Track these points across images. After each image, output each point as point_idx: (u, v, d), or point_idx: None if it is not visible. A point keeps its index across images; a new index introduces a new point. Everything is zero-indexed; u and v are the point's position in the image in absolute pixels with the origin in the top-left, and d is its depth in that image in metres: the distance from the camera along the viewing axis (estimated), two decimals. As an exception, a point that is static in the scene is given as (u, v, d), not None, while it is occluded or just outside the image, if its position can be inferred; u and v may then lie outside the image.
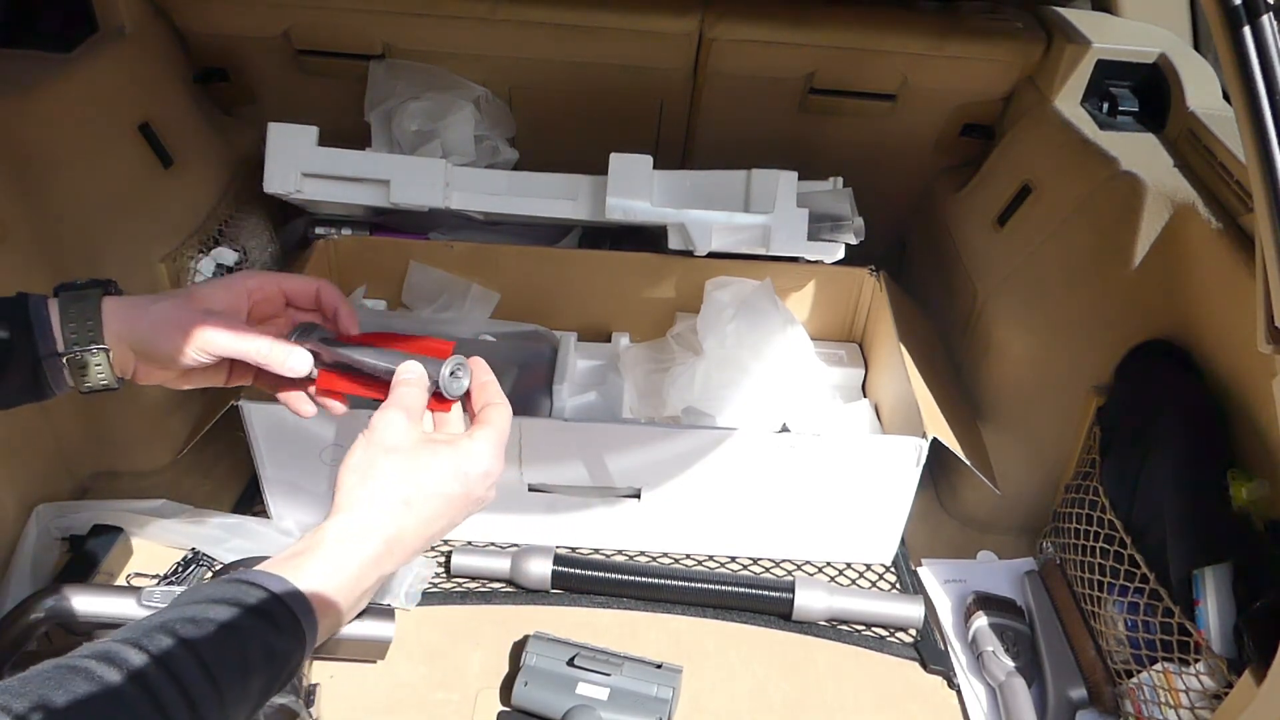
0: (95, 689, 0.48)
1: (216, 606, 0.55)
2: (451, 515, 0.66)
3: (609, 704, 1.05)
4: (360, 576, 0.62)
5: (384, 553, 0.63)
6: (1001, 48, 1.51)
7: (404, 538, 0.64)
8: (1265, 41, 0.76)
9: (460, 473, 0.65)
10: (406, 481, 0.64)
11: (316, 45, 1.54)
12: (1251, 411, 1.04)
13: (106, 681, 0.49)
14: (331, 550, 0.61)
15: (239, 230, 1.47)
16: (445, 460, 0.65)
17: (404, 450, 0.65)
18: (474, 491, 0.66)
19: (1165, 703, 1.01)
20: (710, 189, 1.42)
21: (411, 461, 0.64)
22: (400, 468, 0.64)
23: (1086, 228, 1.26)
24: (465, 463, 0.65)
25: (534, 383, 1.37)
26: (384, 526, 0.63)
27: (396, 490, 0.63)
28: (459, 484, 0.65)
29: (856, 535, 1.28)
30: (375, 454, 0.64)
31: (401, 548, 0.64)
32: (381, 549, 0.62)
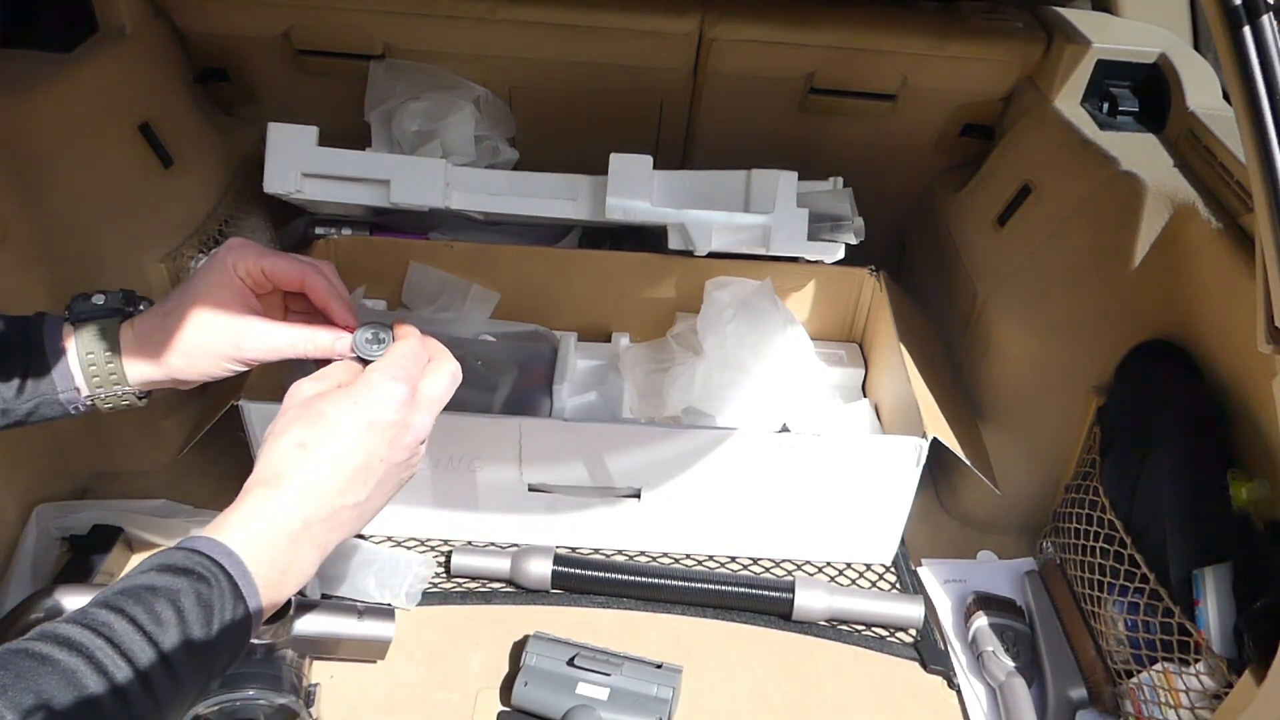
0: (46, 668, 0.50)
1: (150, 575, 0.57)
2: (369, 449, 0.65)
3: (609, 704, 1.05)
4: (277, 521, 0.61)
5: (297, 497, 0.62)
6: (1001, 48, 1.51)
7: (319, 479, 0.63)
8: (1265, 41, 0.76)
9: (357, 404, 0.65)
10: (300, 426, 0.64)
11: (316, 45, 1.54)
12: (1251, 411, 1.04)
13: (56, 661, 0.50)
14: (242, 505, 0.62)
15: (239, 230, 1.47)
16: (335, 399, 0.65)
17: (300, 404, 0.65)
18: (382, 417, 0.65)
19: (1165, 703, 1.01)
20: (710, 189, 1.42)
21: (304, 411, 0.65)
22: (294, 418, 0.65)
23: (1086, 228, 1.26)
24: (360, 394, 0.65)
25: (534, 383, 1.37)
26: (288, 473, 0.63)
27: (289, 437, 0.64)
28: (360, 415, 0.64)
29: (856, 535, 1.28)
30: (277, 417, 0.66)
31: (321, 491, 0.63)
32: (292, 494, 0.62)
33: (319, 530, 0.63)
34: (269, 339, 0.72)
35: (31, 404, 0.71)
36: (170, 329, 0.72)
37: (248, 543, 0.60)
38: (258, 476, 0.64)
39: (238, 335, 0.71)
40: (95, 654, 0.52)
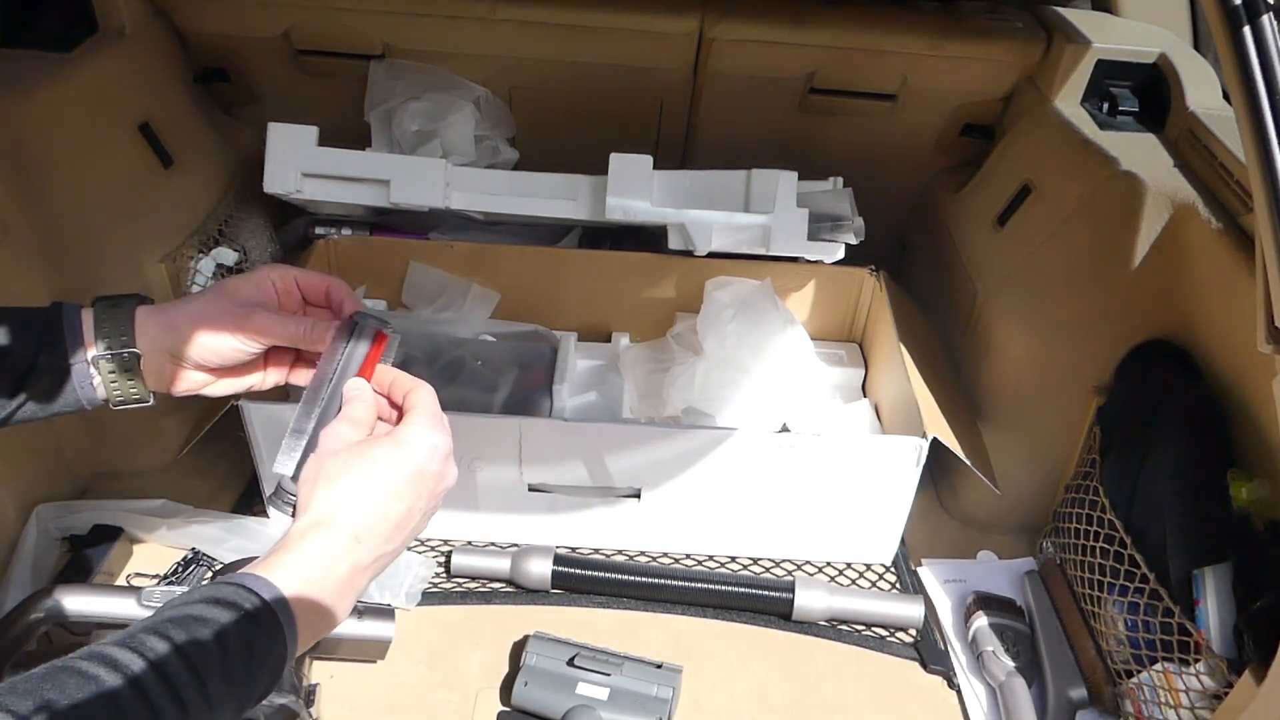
0: (91, 688, 0.50)
1: (199, 606, 0.57)
2: (413, 498, 0.67)
3: (609, 704, 1.05)
4: (330, 567, 0.63)
5: (351, 543, 0.64)
6: (1001, 48, 1.51)
7: (370, 526, 0.65)
8: (1265, 41, 0.76)
9: (406, 454, 0.67)
10: (355, 472, 0.66)
11: (316, 45, 1.54)
12: (1251, 411, 1.04)
13: (101, 681, 0.51)
14: (297, 546, 0.63)
15: (239, 230, 1.47)
16: (387, 448, 0.67)
17: (348, 449, 0.67)
18: (427, 468, 0.68)
19: (1165, 703, 1.01)
20: (710, 189, 1.42)
21: (357, 456, 0.66)
22: (347, 463, 0.66)
23: (1086, 228, 1.26)
24: (407, 445, 0.68)
25: (534, 383, 1.38)
26: (343, 518, 0.64)
27: (346, 481, 0.65)
28: (408, 465, 0.67)
29: (856, 535, 1.28)
30: (323, 460, 0.67)
31: (371, 537, 0.65)
32: (348, 540, 0.64)
33: (362, 577, 0.65)
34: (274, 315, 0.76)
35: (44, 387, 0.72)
36: (183, 303, 0.75)
37: (297, 585, 0.61)
38: (312, 519, 0.64)
39: (246, 312, 0.74)
40: (138, 676, 0.52)
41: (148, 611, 0.89)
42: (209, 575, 1.21)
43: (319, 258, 1.47)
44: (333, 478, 0.65)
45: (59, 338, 0.71)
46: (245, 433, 1.19)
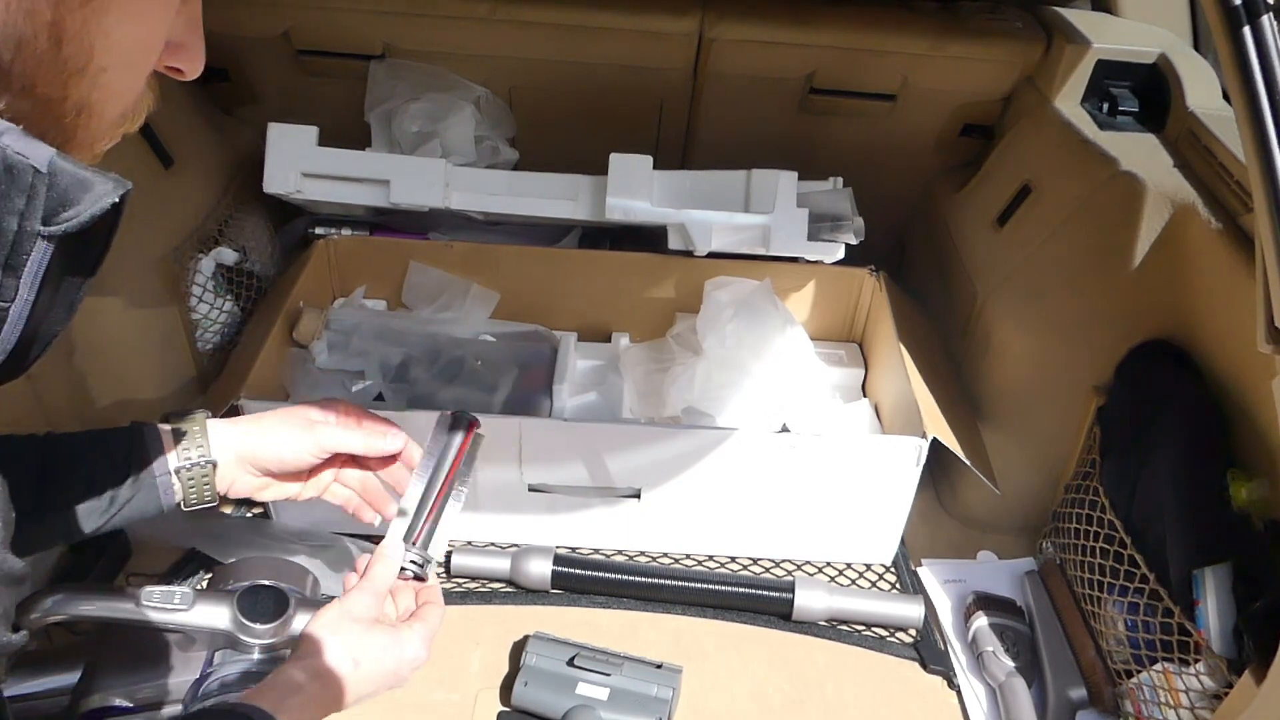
0: None
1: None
2: (378, 683, 0.80)
3: (609, 704, 1.05)
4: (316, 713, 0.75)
5: (334, 697, 0.76)
6: (1001, 48, 1.51)
7: (347, 689, 0.77)
8: (1265, 41, 0.76)
9: (396, 654, 0.80)
10: (359, 646, 0.78)
11: (316, 45, 1.54)
12: (1251, 411, 1.04)
13: None
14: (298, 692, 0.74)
15: (239, 230, 1.47)
16: (388, 642, 0.80)
17: (364, 622, 0.79)
18: (401, 671, 0.81)
19: (1165, 703, 1.01)
20: (710, 189, 1.42)
21: (366, 635, 0.79)
22: (358, 636, 0.79)
23: (1086, 228, 1.26)
24: (402, 647, 0.80)
25: (534, 383, 1.38)
26: (339, 677, 0.77)
27: (350, 651, 0.78)
28: (393, 662, 0.80)
29: (856, 535, 1.28)
30: (343, 620, 0.79)
31: (342, 697, 0.77)
32: (334, 693, 0.76)
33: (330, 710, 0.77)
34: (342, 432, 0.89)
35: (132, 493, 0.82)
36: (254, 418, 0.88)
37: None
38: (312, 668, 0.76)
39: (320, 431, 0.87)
40: None
41: (147, 611, 0.89)
42: (207, 576, 1.21)
43: (319, 258, 1.47)
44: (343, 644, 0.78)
45: (145, 456, 0.82)
46: (245, 433, 1.19)
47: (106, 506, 0.80)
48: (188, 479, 0.83)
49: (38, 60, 0.41)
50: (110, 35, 0.43)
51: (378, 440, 0.89)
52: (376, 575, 0.83)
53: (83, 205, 0.40)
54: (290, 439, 0.87)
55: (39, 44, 0.41)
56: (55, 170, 0.39)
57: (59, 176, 0.39)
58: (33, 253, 0.40)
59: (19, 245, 0.39)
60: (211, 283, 1.40)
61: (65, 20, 0.41)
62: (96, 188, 0.40)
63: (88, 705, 0.91)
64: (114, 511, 0.81)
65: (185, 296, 1.35)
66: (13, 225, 0.39)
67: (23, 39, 0.40)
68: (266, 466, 0.87)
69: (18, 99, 0.41)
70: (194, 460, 0.83)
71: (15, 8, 0.40)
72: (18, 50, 0.40)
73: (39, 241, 0.39)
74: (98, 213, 0.40)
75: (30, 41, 0.40)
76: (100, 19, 0.43)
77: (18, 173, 0.38)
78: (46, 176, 0.39)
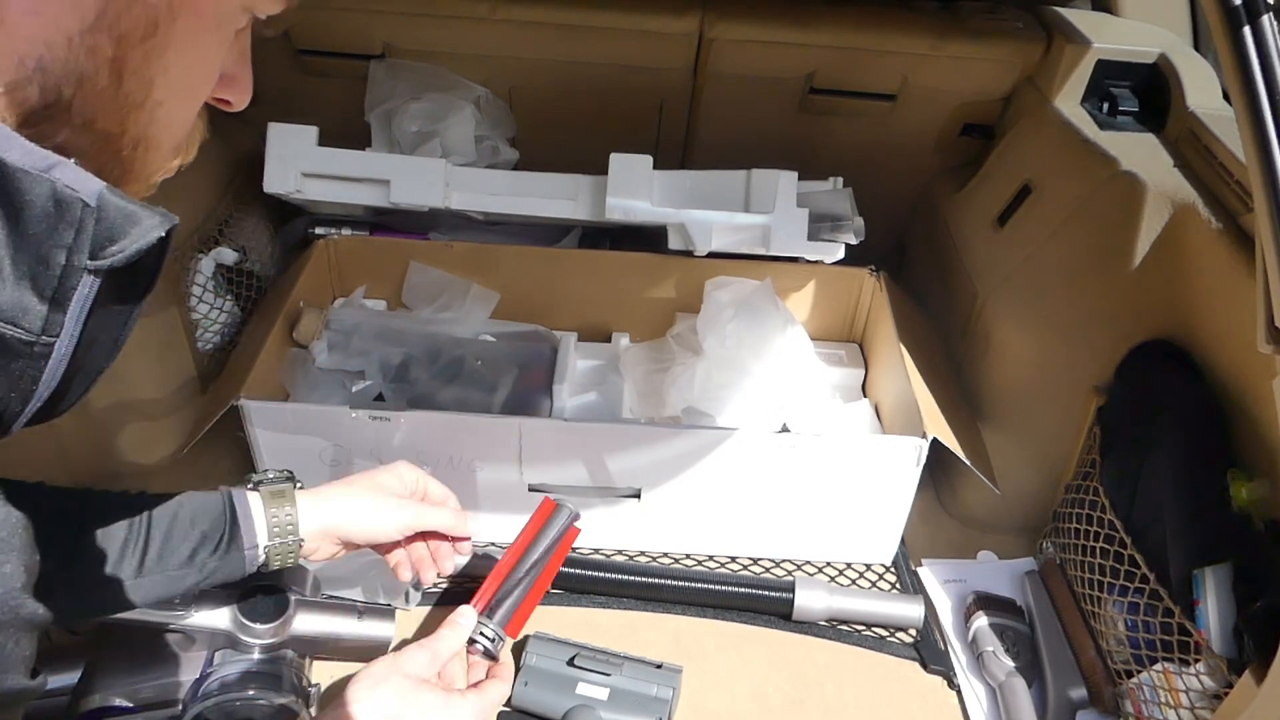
0: None
1: None
2: None
3: (609, 704, 1.05)
4: None
5: None
6: (1001, 48, 1.51)
7: None
8: (1265, 41, 0.76)
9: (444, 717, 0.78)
10: (401, 702, 0.77)
11: (316, 45, 1.53)
12: (1251, 411, 1.04)
13: None
14: None
15: (239, 230, 1.47)
16: (437, 703, 0.78)
17: (413, 680, 0.78)
18: None
19: (1165, 703, 1.01)
20: (710, 189, 1.42)
21: (413, 692, 0.77)
22: (402, 692, 0.77)
23: (1086, 228, 1.26)
24: (452, 712, 0.78)
25: (534, 383, 1.38)
26: None
27: (386, 707, 0.76)
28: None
29: (856, 535, 1.28)
30: (391, 673, 0.78)
31: None
32: None
33: None
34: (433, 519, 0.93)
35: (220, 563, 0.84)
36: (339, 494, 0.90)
37: None
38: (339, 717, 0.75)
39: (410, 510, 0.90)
40: None
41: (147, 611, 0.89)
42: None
43: (319, 258, 1.47)
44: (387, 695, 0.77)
45: (238, 531, 0.84)
46: (245, 433, 1.19)
47: (196, 575, 0.83)
48: (274, 553, 0.85)
49: (98, 96, 0.42)
50: (169, 70, 0.44)
51: (462, 523, 0.94)
52: (442, 637, 0.82)
53: (129, 239, 0.40)
54: (381, 518, 0.89)
55: (100, 80, 0.42)
56: (104, 204, 0.39)
57: (107, 210, 0.39)
58: (79, 287, 0.40)
59: (66, 279, 0.39)
60: (211, 283, 1.40)
61: (126, 56, 0.42)
62: (144, 222, 0.40)
63: (88, 705, 0.91)
64: (200, 579, 0.83)
65: (185, 296, 1.35)
66: (60, 259, 0.39)
67: (84, 75, 0.41)
68: (352, 540, 0.90)
69: (77, 134, 0.42)
70: (284, 540, 0.85)
71: (78, 45, 0.40)
72: (79, 86, 0.41)
73: (85, 276, 0.40)
74: (144, 246, 0.40)
75: (91, 78, 0.41)
76: (160, 55, 0.43)
77: (67, 206, 0.39)
78: (95, 210, 0.39)
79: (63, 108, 0.41)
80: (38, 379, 0.41)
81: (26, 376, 0.41)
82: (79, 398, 0.45)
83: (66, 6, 0.40)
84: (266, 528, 0.85)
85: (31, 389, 0.41)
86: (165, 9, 0.43)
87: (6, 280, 0.39)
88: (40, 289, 0.39)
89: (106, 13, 0.41)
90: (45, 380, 0.41)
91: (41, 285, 0.39)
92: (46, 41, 0.40)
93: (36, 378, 0.41)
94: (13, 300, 0.39)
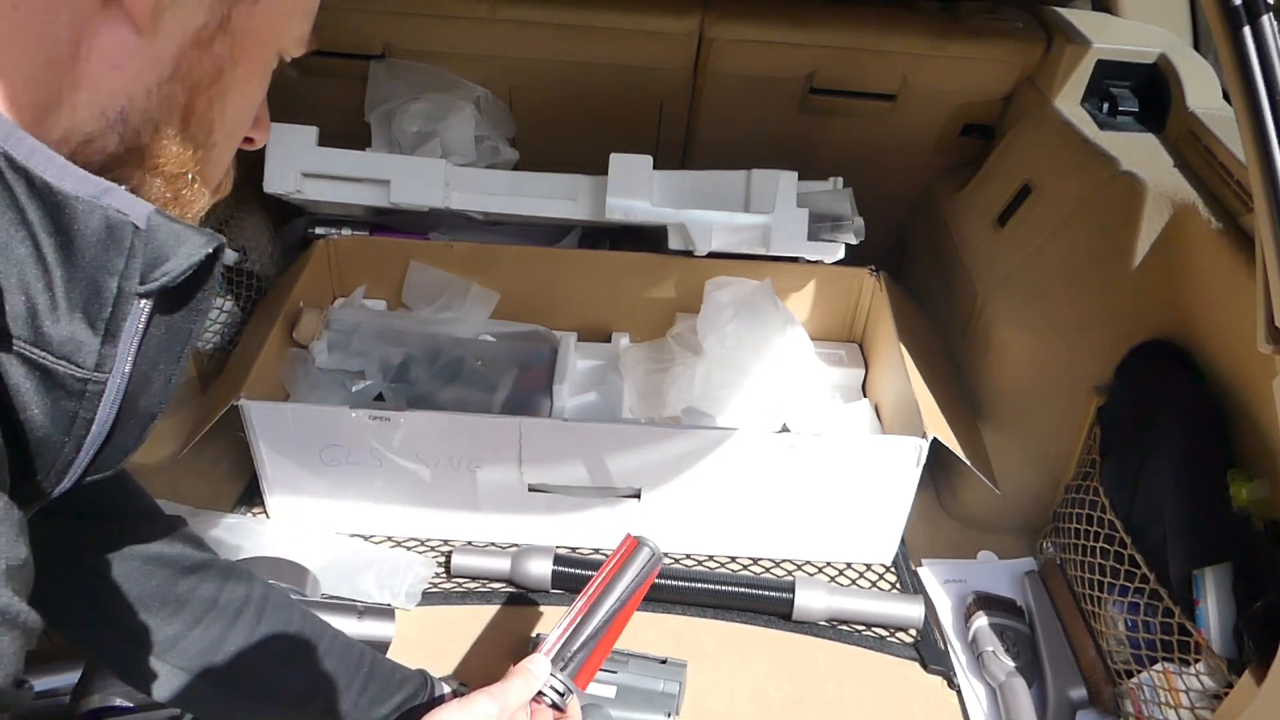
0: None
1: None
2: None
3: (617, 701, 1.05)
4: None
5: None
6: (1001, 48, 1.51)
7: None
8: (1265, 41, 0.76)
9: None
10: None
11: (316, 45, 1.53)
12: (1251, 411, 1.04)
13: None
14: None
15: (239, 230, 1.47)
16: None
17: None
18: None
19: (1165, 703, 1.01)
20: (710, 189, 1.42)
21: None
22: None
23: (1086, 228, 1.26)
24: None
25: (534, 383, 1.38)
26: None
27: None
28: None
29: (856, 535, 1.28)
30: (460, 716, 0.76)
31: None
32: None
33: None
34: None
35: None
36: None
37: None
38: None
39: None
40: None
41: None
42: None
43: (319, 258, 1.47)
44: None
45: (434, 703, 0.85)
46: (245, 433, 1.19)
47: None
48: None
49: (169, 140, 0.44)
50: (226, 113, 0.47)
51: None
52: (513, 686, 0.81)
53: (178, 259, 0.40)
54: None
55: (172, 126, 0.43)
56: (153, 226, 0.40)
57: (156, 232, 0.40)
58: (130, 315, 0.40)
59: (118, 308, 0.39)
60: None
61: (195, 103, 0.44)
62: (191, 241, 0.41)
63: (88, 705, 0.91)
64: None
65: (185, 296, 1.35)
66: (113, 286, 0.39)
67: (160, 122, 0.43)
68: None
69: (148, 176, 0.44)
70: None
71: (156, 94, 0.42)
72: (154, 133, 0.43)
73: (136, 301, 0.40)
74: (194, 264, 0.41)
75: (165, 124, 0.43)
76: (221, 99, 0.46)
77: (118, 232, 0.39)
78: (145, 234, 0.39)
79: (139, 153, 0.43)
80: (90, 421, 0.41)
81: (80, 419, 0.41)
82: (134, 446, 0.44)
83: (148, 61, 0.41)
84: None
85: (83, 434, 0.41)
86: (229, 58, 0.45)
87: (60, 313, 0.38)
88: (92, 320, 0.39)
89: (180, 65, 0.43)
90: (98, 423, 0.41)
91: (93, 316, 0.39)
92: (128, 94, 0.41)
93: (89, 420, 0.41)
94: (67, 335, 0.39)
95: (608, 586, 0.90)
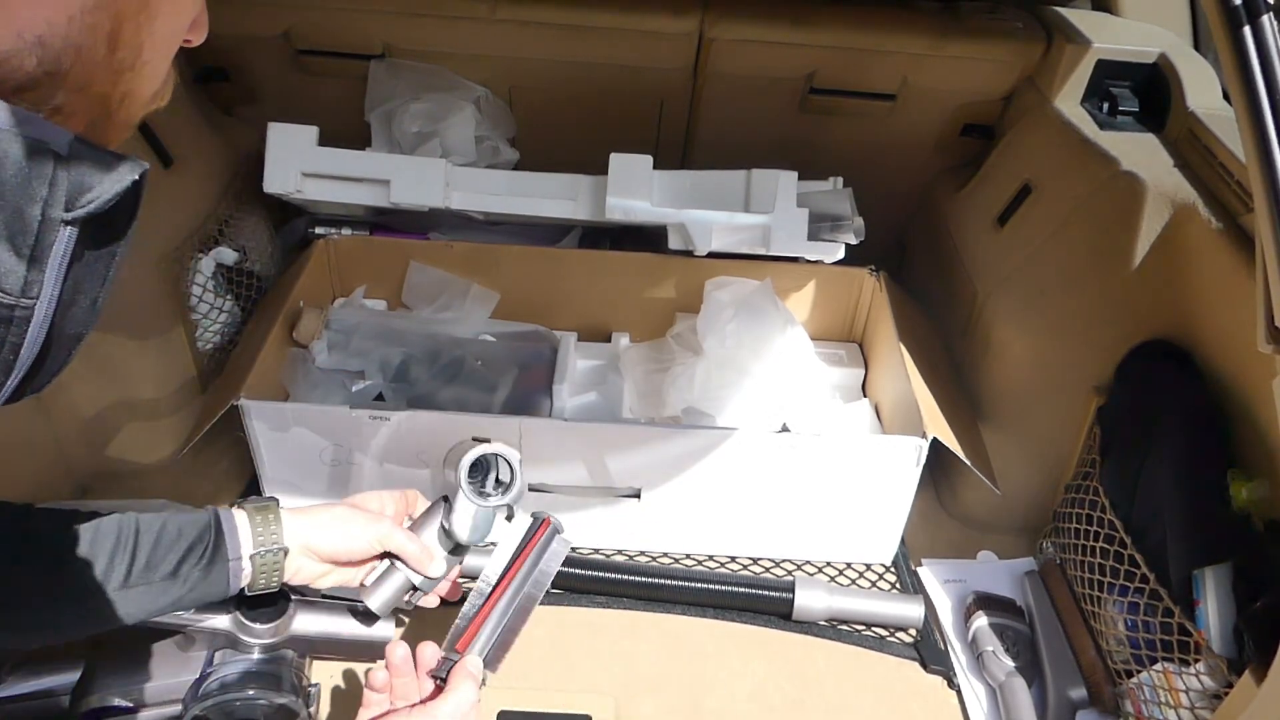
0: None
1: None
2: None
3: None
4: None
5: None
6: (1001, 48, 1.51)
7: None
8: (1265, 41, 0.76)
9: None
10: None
11: (316, 45, 1.54)
12: (1251, 411, 1.04)
13: None
14: None
15: (239, 230, 1.47)
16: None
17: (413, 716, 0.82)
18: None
19: (1165, 703, 1.01)
20: (710, 189, 1.42)
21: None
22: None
23: (1086, 228, 1.26)
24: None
25: (534, 383, 1.38)
26: None
27: None
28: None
29: (856, 535, 1.28)
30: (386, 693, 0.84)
31: None
32: None
33: None
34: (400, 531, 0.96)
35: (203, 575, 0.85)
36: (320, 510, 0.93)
37: None
38: None
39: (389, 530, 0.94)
40: None
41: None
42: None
43: (319, 258, 1.47)
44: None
45: (222, 539, 0.85)
46: (245, 433, 1.19)
47: (181, 588, 0.84)
48: (259, 564, 0.86)
49: (95, 64, 0.43)
50: (156, 33, 0.46)
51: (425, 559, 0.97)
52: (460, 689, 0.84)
53: (103, 187, 0.40)
54: (351, 533, 0.92)
55: (97, 51, 0.43)
56: (75, 154, 0.40)
57: (79, 160, 0.40)
58: (55, 241, 0.40)
59: (43, 234, 0.39)
60: (211, 283, 1.40)
61: (122, 29, 0.44)
62: (117, 168, 0.41)
63: (88, 705, 0.91)
64: (184, 592, 0.84)
65: (185, 296, 1.35)
66: (36, 213, 0.39)
67: (82, 48, 0.42)
68: (324, 554, 0.92)
69: (72, 95, 0.43)
70: (268, 549, 0.87)
71: (78, 23, 0.42)
72: (77, 57, 0.42)
73: (61, 228, 0.40)
74: (119, 192, 0.41)
75: (89, 49, 0.43)
76: (150, 22, 0.45)
77: (39, 160, 0.39)
78: (68, 161, 0.39)
79: (60, 76, 0.42)
80: (19, 346, 0.41)
81: (7, 344, 0.41)
82: (60, 368, 0.45)
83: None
84: (251, 538, 0.86)
85: (12, 359, 0.41)
86: None
87: None
88: (18, 247, 0.39)
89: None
90: (27, 346, 0.41)
91: (19, 244, 0.39)
92: (48, 20, 0.41)
93: (18, 345, 0.41)
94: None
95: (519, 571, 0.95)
